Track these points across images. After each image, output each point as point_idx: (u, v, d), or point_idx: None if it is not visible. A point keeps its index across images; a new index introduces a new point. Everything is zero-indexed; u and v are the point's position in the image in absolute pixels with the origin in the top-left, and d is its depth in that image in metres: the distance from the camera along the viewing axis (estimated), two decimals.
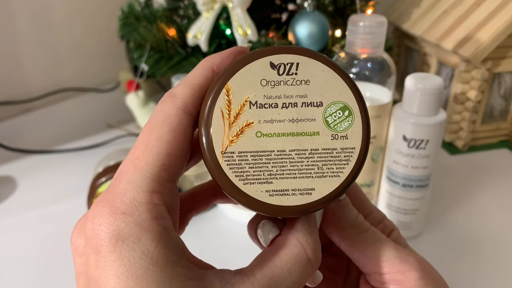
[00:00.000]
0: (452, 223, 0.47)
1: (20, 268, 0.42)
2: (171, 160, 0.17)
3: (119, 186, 0.16)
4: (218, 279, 0.17)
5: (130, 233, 0.15)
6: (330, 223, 0.22)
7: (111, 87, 0.84)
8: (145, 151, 0.17)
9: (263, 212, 0.18)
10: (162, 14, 0.60)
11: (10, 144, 0.62)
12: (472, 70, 0.57)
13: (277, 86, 0.17)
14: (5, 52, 0.72)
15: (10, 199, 0.52)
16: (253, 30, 0.51)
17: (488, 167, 0.58)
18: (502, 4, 0.56)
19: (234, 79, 0.17)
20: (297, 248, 0.18)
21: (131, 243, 0.15)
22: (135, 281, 0.15)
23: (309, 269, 0.18)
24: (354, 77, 0.40)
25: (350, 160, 0.17)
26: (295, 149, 0.17)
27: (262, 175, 0.17)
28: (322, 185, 0.17)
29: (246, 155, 0.17)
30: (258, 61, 0.17)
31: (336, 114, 0.18)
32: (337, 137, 0.17)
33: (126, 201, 0.16)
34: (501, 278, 0.40)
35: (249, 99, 0.17)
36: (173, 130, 0.17)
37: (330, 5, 0.57)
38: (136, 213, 0.16)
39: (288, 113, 0.17)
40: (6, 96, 0.74)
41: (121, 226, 0.15)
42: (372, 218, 0.24)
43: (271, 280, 0.17)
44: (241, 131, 0.17)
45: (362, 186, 0.44)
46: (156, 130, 0.17)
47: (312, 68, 0.18)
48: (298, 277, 0.18)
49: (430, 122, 0.39)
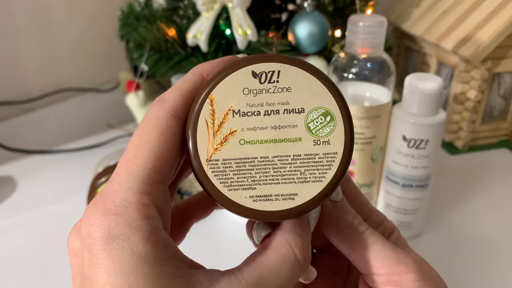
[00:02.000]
0: (452, 223, 0.47)
1: (20, 268, 0.42)
2: (161, 163, 0.17)
3: (111, 189, 0.17)
4: (206, 278, 0.17)
5: (120, 232, 0.16)
6: (328, 225, 0.22)
7: (111, 87, 0.84)
8: (136, 154, 0.17)
9: (248, 217, 0.18)
10: (162, 14, 0.60)
11: (10, 144, 0.62)
12: (472, 70, 0.58)
13: (259, 95, 0.18)
14: (5, 52, 0.72)
15: (10, 199, 0.52)
16: (252, 30, 0.51)
17: (488, 167, 0.58)
18: (501, 4, 0.56)
19: (218, 89, 0.18)
20: (285, 248, 0.18)
21: (121, 241, 0.16)
22: (123, 278, 0.15)
23: (297, 269, 0.18)
24: (354, 77, 0.40)
25: (332, 165, 0.18)
26: (277, 155, 0.18)
27: (246, 182, 0.18)
28: (304, 190, 0.18)
29: (230, 163, 0.18)
30: (240, 70, 0.18)
31: (318, 120, 0.18)
32: (319, 143, 0.18)
33: (117, 202, 0.16)
34: (500, 278, 0.40)
35: (232, 108, 0.18)
36: (162, 133, 0.17)
37: (330, 5, 0.57)
38: (126, 213, 0.16)
39: (271, 121, 0.18)
40: (6, 96, 0.74)
41: (111, 225, 0.16)
42: (372, 220, 0.24)
43: (259, 279, 0.17)
44: (225, 139, 0.18)
45: (362, 186, 0.44)
46: (146, 134, 0.18)
47: (293, 75, 0.18)
48: (286, 276, 0.18)
49: (430, 122, 0.39)
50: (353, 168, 0.43)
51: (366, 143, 0.41)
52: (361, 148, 0.41)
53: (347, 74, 0.40)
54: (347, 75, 0.40)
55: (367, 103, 0.41)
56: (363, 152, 0.42)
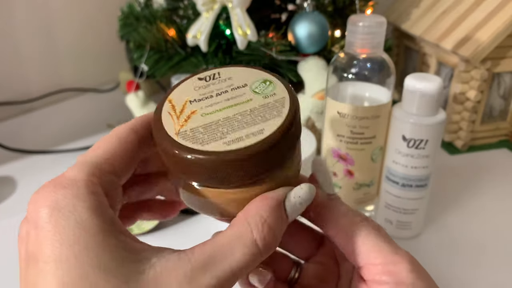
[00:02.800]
0: (451, 223, 0.47)
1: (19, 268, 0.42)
2: (115, 158, 0.19)
3: (65, 172, 0.19)
4: (154, 254, 0.17)
5: (67, 203, 0.17)
6: (324, 216, 0.22)
7: (111, 87, 0.84)
8: (93, 150, 0.20)
9: (226, 162, 0.18)
10: (162, 14, 0.60)
11: (10, 144, 0.62)
12: (472, 70, 0.58)
13: (207, 87, 0.22)
14: (5, 52, 0.72)
15: (10, 199, 0.52)
16: (252, 30, 0.51)
17: (488, 167, 0.58)
18: (501, 4, 0.56)
19: (173, 93, 0.22)
20: (243, 227, 0.18)
21: (67, 212, 0.16)
22: (68, 248, 0.16)
23: (255, 250, 0.18)
24: (354, 77, 0.40)
25: (284, 104, 0.21)
26: (237, 113, 0.20)
27: (215, 136, 0.19)
28: (269, 124, 0.20)
29: (197, 129, 0.20)
30: (187, 80, 0.22)
31: (260, 85, 0.22)
32: (267, 96, 0.21)
33: (67, 178, 0.18)
34: (500, 278, 0.40)
35: (188, 99, 0.21)
36: (120, 139, 0.20)
37: (329, 5, 0.57)
38: (74, 187, 0.17)
39: (222, 97, 0.21)
40: (6, 97, 0.74)
41: (59, 198, 0.17)
42: None
43: (210, 258, 0.17)
44: (188, 117, 0.20)
45: (362, 186, 0.44)
46: (106, 139, 0.20)
47: (230, 71, 0.23)
48: (241, 257, 0.17)
49: (430, 122, 0.39)
50: (353, 168, 0.43)
51: (365, 143, 0.41)
52: (361, 148, 0.42)
53: (347, 74, 0.40)
54: (346, 75, 0.41)
55: (366, 103, 0.41)
56: (363, 152, 0.42)
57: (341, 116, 0.41)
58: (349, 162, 0.43)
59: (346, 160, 0.43)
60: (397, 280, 0.20)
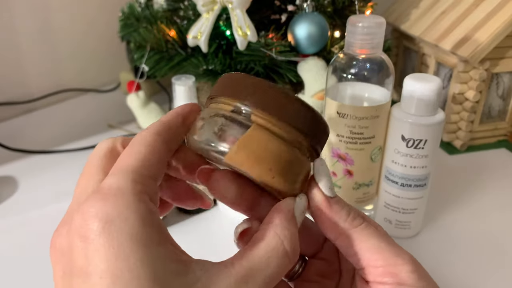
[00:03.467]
0: (450, 223, 0.47)
1: (20, 267, 0.43)
2: (150, 162, 0.19)
3: (106, 181, 0.18)
4: (199, 267, 0.18)
5: (118, 214, 0.16)
6: (324, 221, 0.22)
7: (112, 87, 0.85)
8: (126, 157, 0.19)
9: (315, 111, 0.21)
10: (162, 15, 0.61)
11: (11, 144, 0.62)
12: (470, 71, 0.58)
13: None
14: (6, 52, 0.73)
15: (11, 199, 0.52)
16: (252, 31, 0.52)
17: (487, 167, 0.59)
18: (500, 5, 0.56)
19: None
20: (274, 240, 0.19)
21: (119, 223, 0.16)
22: (122, 262, 0.16)
23: (287, 260, 0.19)
24: (353, 78, 0.41)
25: None
26: None
27: None
28: None
29: None
30: None
31: None
32: None
33: (113, 188, 0.17)
34: (499, 277, 0.40)
35: None
36: (148, 144, 0.20)
37: (329, 6, 0.58)
38: (124, 197, 0.17)
39: None
40: (7, 97, 0.74)
41: (109, 210, 0.16)
42: None
43: (249, 270, 0.18)
44: None
45: (361, 185, 0.44)
46: (134, 146, 0.20)
47: None
48: (276, 268, 0.19)
49: (429, 122, 0.39)
50: (353, 168, 0.43)
51: (365, 143, 0.42)
52: (360, 148, 0.42)
53: (346, 74, 0.41)
54: (346, 76, 0.41)
55: (366, 103, 0.42)
56: (362, 151, 0.42)
57: (341, 116, 0.41)
58: (348, 162, 0.43)
59: (345, 160, 0.43)
60: (398, 281, 0.20)
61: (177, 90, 0.52)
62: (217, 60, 0.56)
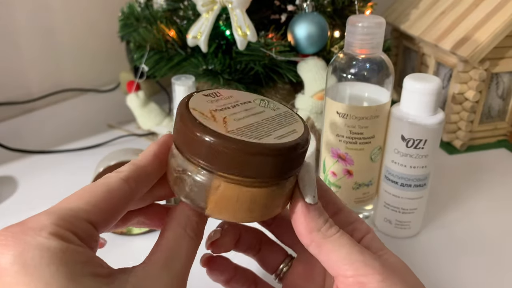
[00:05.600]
0: (450, 223, 0.47)
1: None
2: (95, 210, 0.20)
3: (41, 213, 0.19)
4: (122, 273, 0.19)
5: (36, 244, 0.17)
6: (300, 226, 0.23)
7: (112, 87, 0.85)
8: (73, 197, 0.20)
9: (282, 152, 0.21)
10: (162, 15, 0.61)
11: (11, 144, 0.62)
12: (470, 71, 0.58)
13: (218, 101, 0.24)
14: (6, 52, 0.73)
15: (11, 199, 0.52)
16: (252, 31, 0.52)
17: (486, 166, 0.59)
18: (500, 5, 0.56)
19: (191, 104, 0.22)
20: (178, 228, 0.22)
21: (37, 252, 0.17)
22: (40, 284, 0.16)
23: (193, 243, 0.22)
24: (353, 78, 0.41)
25: (293, 114, 0.25)
26: (263, 119, 0.23)
27: (263, 133, 0.22)
28: (296, 126, 0.23)
29: (242, 129, 0.21)
30: (194, 97, 0.23)
31: (262, 102, 0.25)
32: (275, 109, 0.25)
33: (35, 221, 0.18)
34: (498, 277, 0.40)
35: (210, 109, 0.22)
36: (108, 190, 0.20)
37: (329, 6, 0.58)
38: (40, 229, 0.18)
39: (238, 108, 0.23)
40: (7, 97, 0.74)
41: (26, 239, 0.17)
42: (339, 219, 0.25)
43: (166, 257, 0.21)
44: (224, 121, 0.22)
45: (361, 185, 0.44)
46: (93, 188, 0.20)
47: (226, 92, 0.25)
48: (186, 250, 0.21)
49: (428, 122, 0.39)
50: (352, 168, 0.43)
51: (365, 143, 0.42)
52: (360, 148, 0.42)
53: (346, 74, 0.41)
54: (346, 76, 0.41)
55: (366, 103, 0.42)
56: (362, 151, 0.42)
57: (341, 116, 0.41)
58: (348, 162, 0.43)
59: (345, 160, 0.43)
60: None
61: (177, 90, 0.52)
62: (216, 60, 0.56)
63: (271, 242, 0.30)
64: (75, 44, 0.81)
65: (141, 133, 0.66)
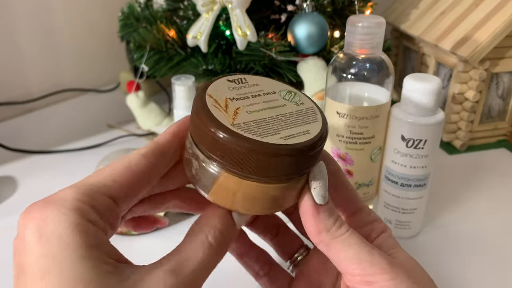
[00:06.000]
0: (450, 223, 0.47)
1: None
2: (116, 185, 0.20)
3: (59, 191, 0.20)
4: (131, 268, 0.19)
5: (52, 219, 0.18)
6: (309, 226, 0.23)
7: (112, 87, 0.85)
8: (95, 173, 0.21)
9: (286, 153, 0.20)
10: (162, 15, 0.61)
11: (11, 144, 0.62)
12: (470, 71, 0.58)
13: (240, 89, 0.23)
14: (6, 52, 0.73)
15: (11, 199, 0.52)
16: (252, 31, 0.52)
17: (486, 166, 0.59)
18: (500, 5, 0.56)
19: (210, 89, 0.22)
20: (200, 235, 0.22)
21: (52, 227, 0.18)
22: (51, 261, 0.17)
23: (213, 252, 0.21)
24: (353, 78, 0.41)
25: (315, 112, 0.24)
26: (279, 114, 0.22)
27: (270, 131, 0.21)
28: (312, 127, 0.22)
29: (250, 123, 0.21)
30: (217, 81, 0.23)
31: (287, 94, 0.24)
32: (298, 104, 0.24)
33: (57, 197, 0.19)
34: (498, 277, 0.40)
35: (227, 97, 0.22)
36: (128, 166, 0.21)
37: (329, 6, 0.58)
38: (62, 204, 0.18)
39: (259, 99, 0.23)
40: (7, 97, 0.74)
41: (46, 213, 0.18)
42: (359, 219, 0.25)
43: (177, 263, 0.20)
44: (235, 113, 0.21)
45: (361, 185, 0.44)
46: (115, 165, 0.21)
47: (255, 79, 0.25)
48: (202, 260, 0.21)
49: (428, 122, 0.39)
50: (352, 168, 0.43)
51: (365, 143, 0.42)
52: (360, 148, 0.42)
53: (346, 74, 0.41)
54: (346, 76, 0.41)
55: (366, 103, 0.42)
56: (362, 151, 0.42)
57: (340, 116, 0.41)
58: (348, 162, 0.43)
59: (345, 160, 0.43)
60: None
61: (177, 90, 0.52)
62: (216, 60, 0.56)
63: (288, 230, 0.30)
64: (75, 44, 0.81)
65: (141, 133, 0.66)
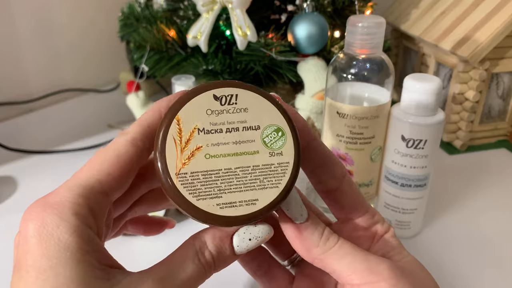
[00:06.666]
0: (450, 223, 0.47)
1: None
2: (108, 178, 0.20)
3: (57, 189, 0.20)
4: (121, 273, 0.19)
5: (52, 222, 0.19)
6: (297, 247, 0.22)
7: (112, 87, 0.85)
8: (87, 167, 0.21)
9: (215, 223, 0.20)
10: (162, 15, 0.61)
11: (11, 144, 0.62)
12: (470, 71, 0.58)
13: (220, 115, 0.20)
14: (6, 52, 0.73)
15: (11, 199, 0.52)
16: (252, 31, 0.52)
17: (487, 167, 0.59)
18: (500, 5, 0.56)
19: (183, 110, 0.20)
20: (191, 249, 0.21)
21: (51, 230, 0.18)
22: (47, 261, 0.18)
23: (202, 269, 0.21)
24: (353, 78, 0.41)
25: (286, 172, 0.20)
26: (239, 166, 0.20)
27: (212, 191, 0.19)
28: (264, 195, 0.20)
29: (197, 175, 0.19)
30: (203, 94, 0.20)
31: (272, 135, 0.21)
32: (274, 154, 0.20)
33: (56, 198, 0.19)
34: (498, 277, 0.40)
35: (197, 127, 0.20)
36: (118, 156, 0.20)
37: (329, 6, 0.58)
38: (60, 207, 0.19)
39: (232, 137, 0.20)
40: (7, 97, 0.74)
41: (45, 216, 0.19)
42: (364, 221, 0.25)
43: (167, 272, 0.20)
44: (192, 154, 0.20)
45: (361, 186, 0.44)
46: (103, 155, 0.21)
47: (249, 98, 0.21)
48: (191, 273, 0.20)
49: (429, 122, 0.39)
50: (352, 168, 0.43)
51: (365, 143, 0.42)
52: (360, 148, 0.42)
53: (346, 74, 0.41)
54: (346, 76, 0.41)
55: (366, 103, 0.42)
56: (362, 152, 0.42)
57: (341, 116, 0.41)
58: (348, 162, 0.43)
59: (345, 160, 0.43)
60: None
61: (177, 90, 0.52)
62: (217, 60, 0.56)
63: None
64: (75, 44, 0.81)
65: None
